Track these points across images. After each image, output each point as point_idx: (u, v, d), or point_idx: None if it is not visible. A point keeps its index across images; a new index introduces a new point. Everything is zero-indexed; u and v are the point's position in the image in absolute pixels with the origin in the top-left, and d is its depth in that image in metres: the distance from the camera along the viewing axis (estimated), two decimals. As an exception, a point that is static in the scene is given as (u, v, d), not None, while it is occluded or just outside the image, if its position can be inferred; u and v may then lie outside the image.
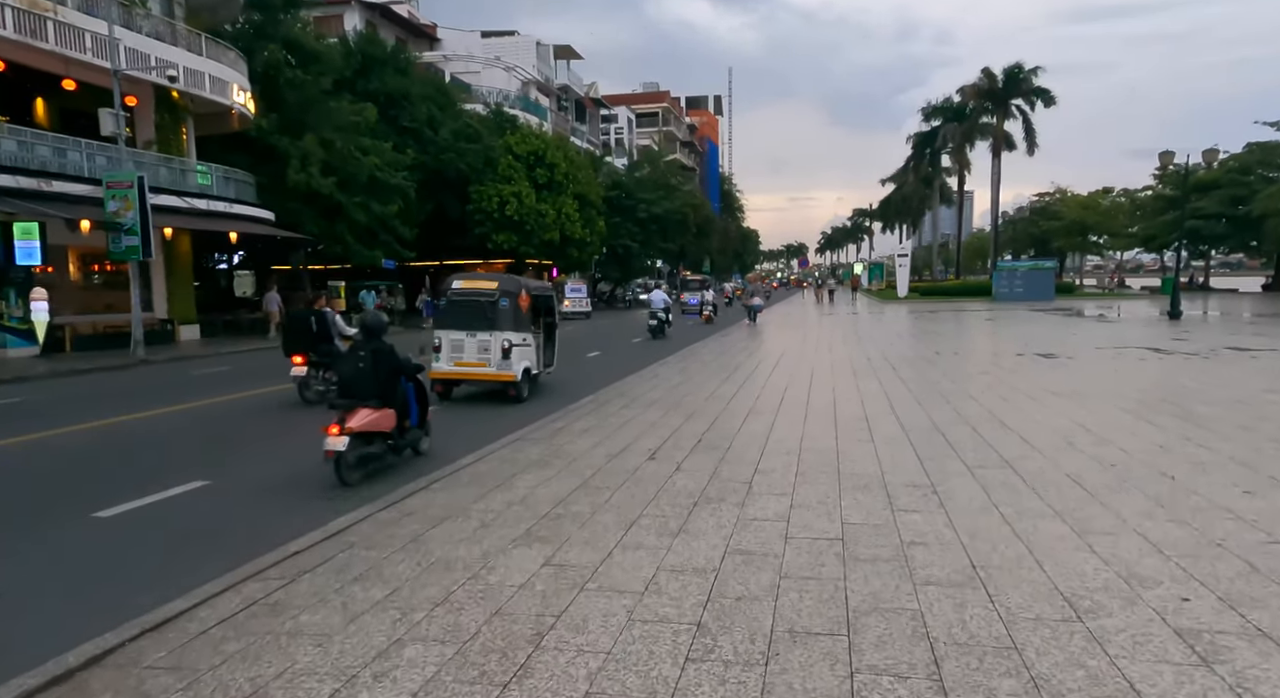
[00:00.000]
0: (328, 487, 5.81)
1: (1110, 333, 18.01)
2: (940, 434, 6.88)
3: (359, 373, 6.28)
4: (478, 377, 10.22)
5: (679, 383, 10.84)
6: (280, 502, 5.70)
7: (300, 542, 4.26)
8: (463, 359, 10.06)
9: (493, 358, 10.02)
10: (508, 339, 10.01)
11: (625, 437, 7.17)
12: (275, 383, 12.40)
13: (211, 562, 4.18)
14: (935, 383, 10.14)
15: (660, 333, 20.48)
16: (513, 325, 10.14)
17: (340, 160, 29.44)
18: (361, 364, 6.30)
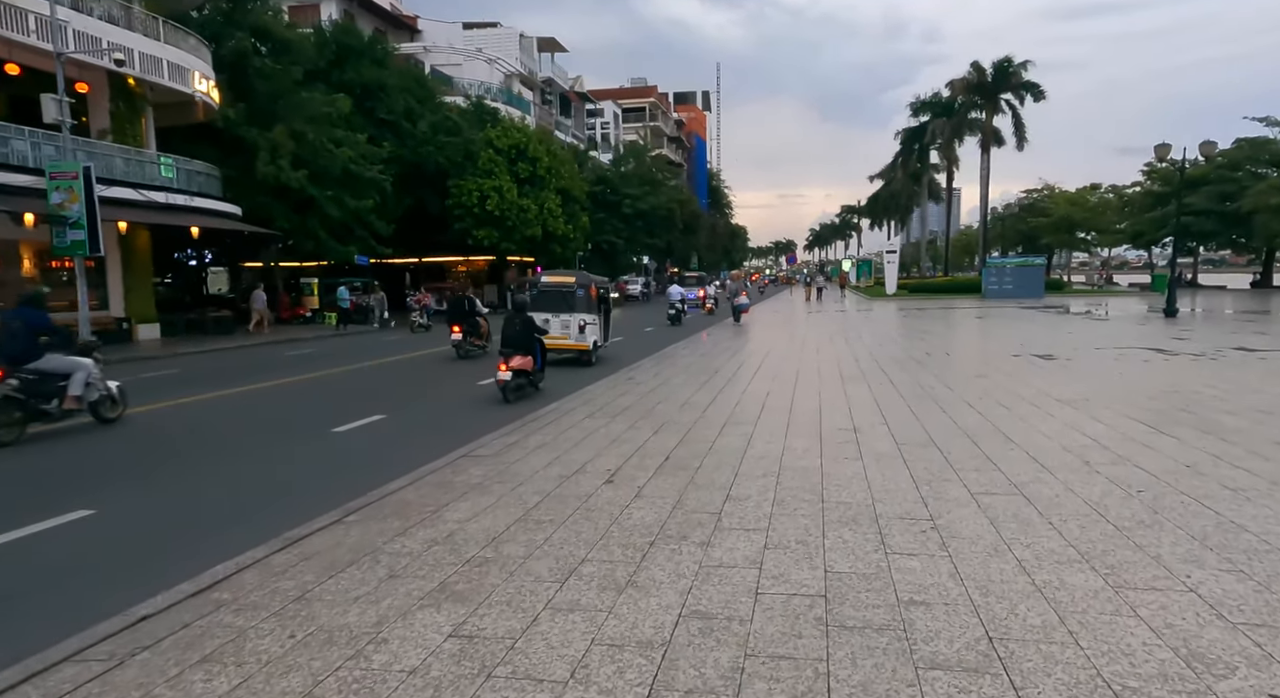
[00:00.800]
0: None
1: (1107, 332, 17.36)
2: (937, 450, 6.12)
3: (515, 333, 10.02)
4: (562, 346, 13.22)
5: (653, 388, 10.04)
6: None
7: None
8: (551, 334, 12.22)
9: (572, 333, 13.37)
10: (583, 319, 13.44)
11: (584, 452, 6.36)
12: (218, 389, 11.52)
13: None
14: (929, 388, 9.39)
15: (678, 320, 24.09)
16: (585, 309, 13.55)
17: (312, 153, 28.47)
18: (517, 328, 10.05)
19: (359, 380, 12.78)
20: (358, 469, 6.55)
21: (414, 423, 8.85)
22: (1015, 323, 20.84)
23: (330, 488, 5.74)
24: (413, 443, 7.58)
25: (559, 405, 8.85)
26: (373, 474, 6.04)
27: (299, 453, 7.39)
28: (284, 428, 8.72)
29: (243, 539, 4.43)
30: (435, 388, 11.76)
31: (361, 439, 7.94)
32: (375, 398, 10.55)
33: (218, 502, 5.72)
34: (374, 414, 9.11)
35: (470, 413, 9.37)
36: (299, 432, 8.38)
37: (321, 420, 8.74)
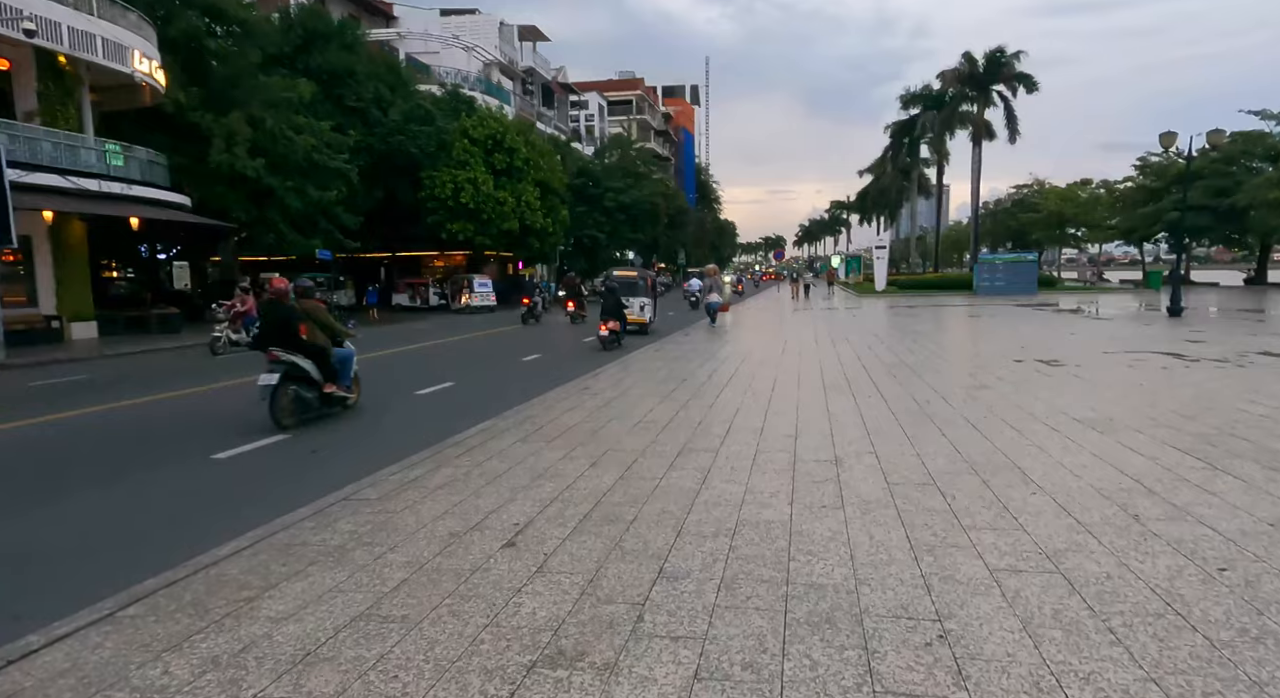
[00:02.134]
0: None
1: (1112, 333, 16.17)
2: (940, 495, 4.81)
3: (611, 307, 15.64)
4: (631, 320, 17.51)
5: (605, 403, 8.70)
6: None
7: None
8: (631, 314, 17.60)
9: (634, 310, 18.21)
10: (643, 301, 19.16)
11: (495, 496, 5.02)
12: (118, 399, 10.09)
13: None
14: (925, 404, 8.10)
15: (697, 306, 28.89)
16: (645, 295, 19.49)
17: (270, 140, 26.95)
18: (611, 304, 15.58)
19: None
20: (208, 517, 5.19)
21: (323, 444, 7.48)
22: (1012, 322, 19.63)
23: (140, 554, 4.39)
24: (305, 476, 6.23)
25: (491, 425, 7.50)
26: (223, 523, 4.68)
27: (154, 489, 6.01)
28: (154, 451, 7.32)
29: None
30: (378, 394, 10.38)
31: (247, 468, 6.58)
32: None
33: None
34: (274, 434, 7.73)
35: (396, 431, 8.01)
36: (170, 457, 6.99)
37: (207, 441, 7.36)
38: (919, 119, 52.83)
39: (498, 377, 12.55)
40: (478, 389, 11.02)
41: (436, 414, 8.97)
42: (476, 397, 10.19)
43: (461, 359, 15.35)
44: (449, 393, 10.63)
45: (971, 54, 44.98)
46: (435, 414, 8.98)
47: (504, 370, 13.35)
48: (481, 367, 13.99)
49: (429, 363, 14.66)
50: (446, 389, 10.92)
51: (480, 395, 10.33)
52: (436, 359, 15.38)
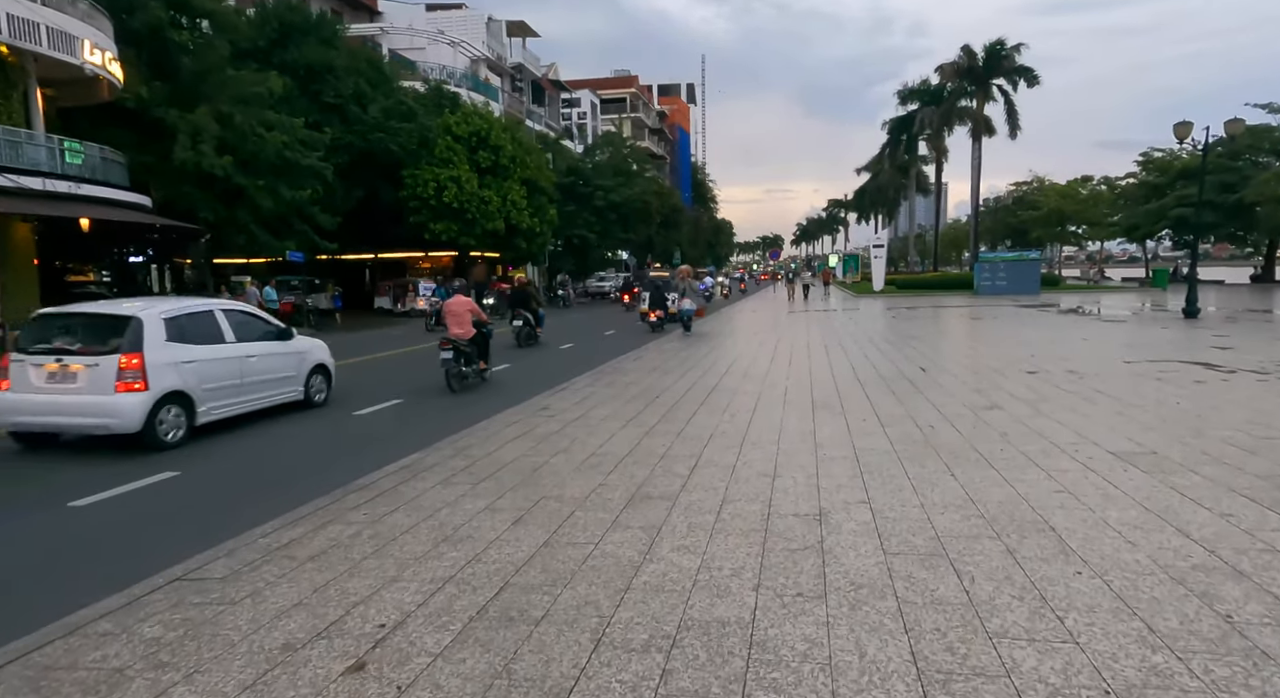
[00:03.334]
0: None
1: (1129, 337, 15.01)
2: (954, 574, 3.64)
3: (658, 299, 20.13)
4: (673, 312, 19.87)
5: (560, 429, 7.53)
6: None
7: None
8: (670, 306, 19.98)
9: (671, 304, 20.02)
10: (675, 296, 19.93)
11: (368, 578, 3.85)
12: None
13: None
14: (928, 429, 6.93)
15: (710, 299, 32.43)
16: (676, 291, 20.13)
17: (239, 137, 25.75)
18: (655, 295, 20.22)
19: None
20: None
21: (213, 482, 6.31)
22: (1017, 325, 18.48)
23: None
24: (170, 535, 5.06)
25: (416, 460, 6.33)
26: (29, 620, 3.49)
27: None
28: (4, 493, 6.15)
29: None
30: (304, 420, 9.20)
31: (114, 515, 5.41)
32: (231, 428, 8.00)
33: None
34: (163, 470, 6.56)
35: (306, 464, 6.84)
36: (22, 502, 5.81)
37: (78, 478, 6.18)
38: (917, 115, 51.73)
39: (456, 391, 11.38)
40: (425, 408, 9.85)
41: (364, 441, 7.81)
42: (420, 418, 9.02)
43: (423, 369, 14.18)
44: (392, 413, 9.46)
45: (970, 47, 43.88)
46: (363, 441, 7.82)
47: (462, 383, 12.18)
48: (440, 378, 12.81)
49: (385, 374, 13.49)
50: (391, 408, 9.74)
51: (426, 416, 9.17)
52: (395, 370, 14.21)
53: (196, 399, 7.93)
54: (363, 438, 8.08)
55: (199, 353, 8.12)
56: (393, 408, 9.79)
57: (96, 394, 7.32)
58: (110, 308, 8.69)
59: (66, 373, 7.44)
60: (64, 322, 8.01)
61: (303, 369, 9.68)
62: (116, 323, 7.74)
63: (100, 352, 7.46)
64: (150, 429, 7.39)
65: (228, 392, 8.44)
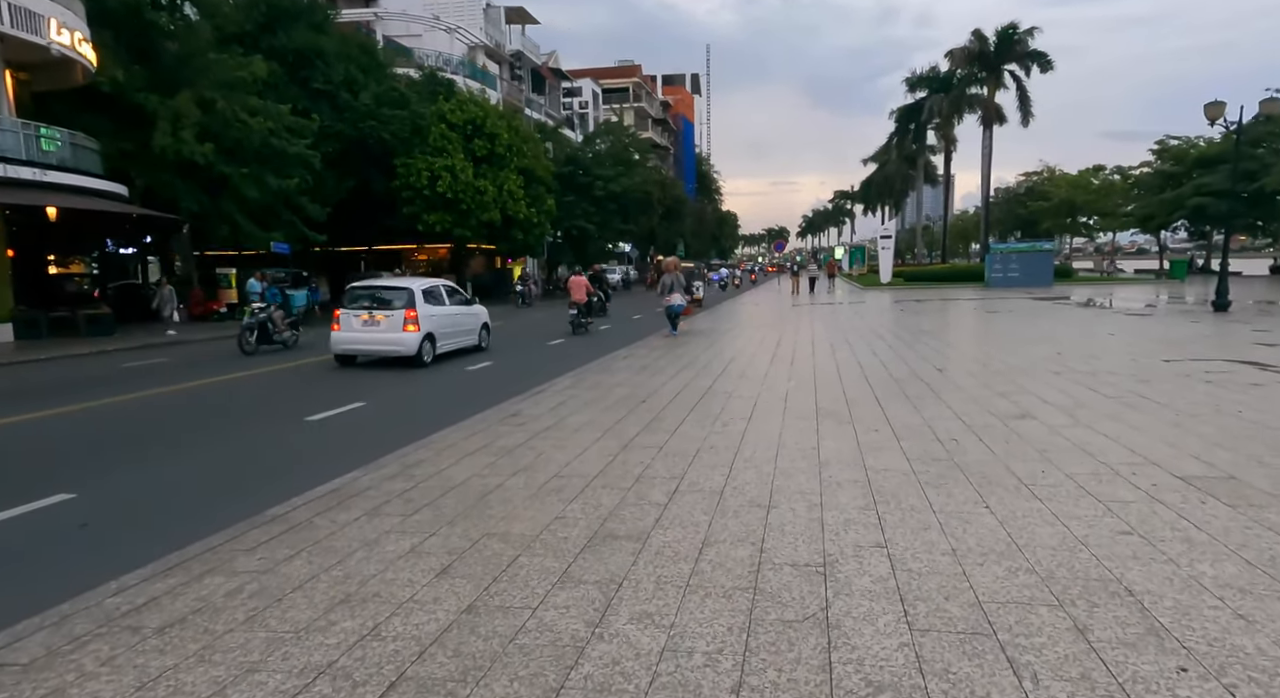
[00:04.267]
0: None
1: (1160, 332, 13.96)
2: (1009, 667, 2.67)
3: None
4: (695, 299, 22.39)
5: (525, 442, 6.57)
6: None
7: None
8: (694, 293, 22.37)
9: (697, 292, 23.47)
10: (699, 285, 25.74)
11: (217, 669, 2.88)
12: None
13: None
14: (951, 445, 5.95)
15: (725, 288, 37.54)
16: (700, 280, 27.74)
17: (222, 124, 24.80)
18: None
19: (149, 412, 9.26)
20: None
21: (126, 508, 5.37)
22: (1035, 319, 17.42)
23: None
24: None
25: (348, 482, 5.38)
26: None
27: None
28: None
29: None
30: (239, 429, 8.26)
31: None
32: (140, 445, 7.07)
33: None
34: (57, 492, 5.63)
35: (224, 484, 5.90)
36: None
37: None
38: (926, 102, 50.41)
39: (423, 391, 10.44)
40: (390, 412, 8.90)
41: (305, 454, 6.87)
42: (380, 424, 8.07)
43: (398, 369, 13.25)
44: (350, 418, 8.51)
45: (981, 32, 42.52)
46: (303, 455, 6.88)
47: (436, 382, 11.24)
48: (412, 379, 11.87)
49: (355, 374, 12.55)
50: (350, 412, 8.80)
51: (387, 421, 8.22)
52: (367, 368, 13.27)
53: (438, 338, 13.07)
54: (308, 452, 7.15)
55: (436, 311, 13.13)
56: (350, 413, 8.84)
57: (392, 332, 12.41)
58: (394, 282, 14.22)
59: (374, 320, 12.54)
60: (368, 290, 13.24)
61: (478, 325, 14.88)
62: (400, 291, 12.76)
63: (393, 307, 12.49)
64: (419, 354, 12.47)
65: (448, 335, 13.52)
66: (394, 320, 12.35)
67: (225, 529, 4.40)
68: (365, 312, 12.54)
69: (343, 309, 12.73)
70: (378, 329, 12.47)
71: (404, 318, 12.31)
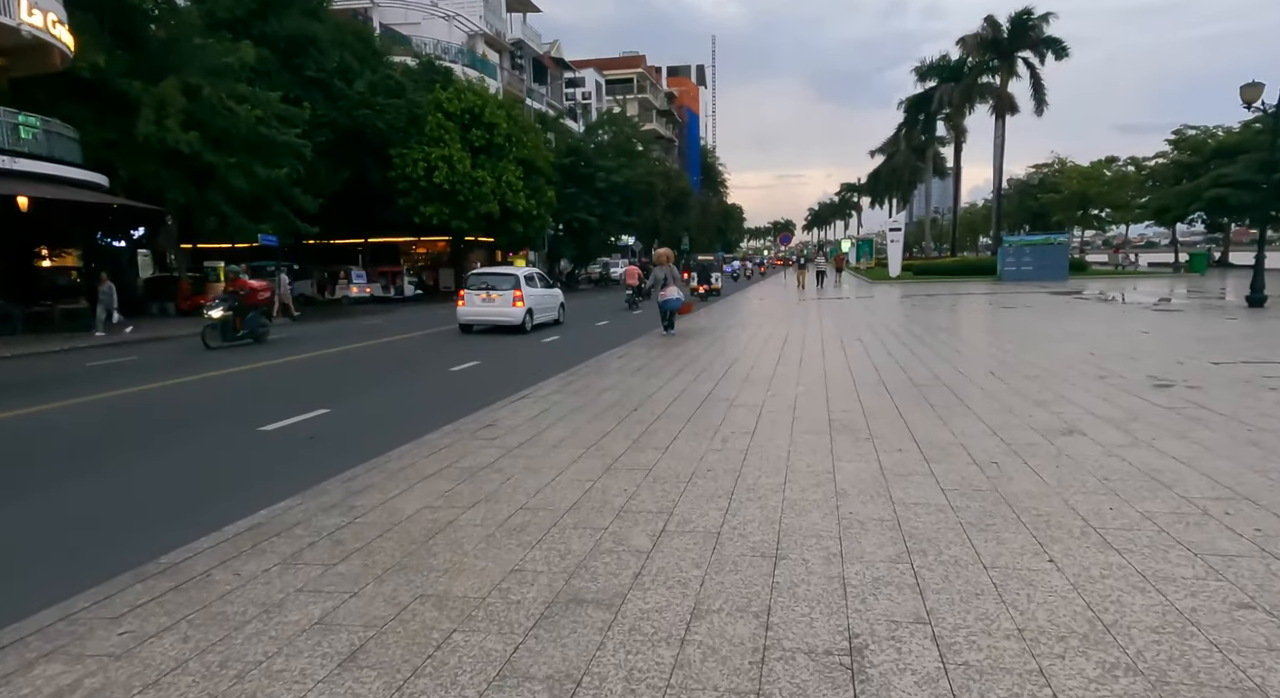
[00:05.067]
0: None
1: (1196, 330, 12.99)
2: None
3: (705, 277, 28.79)
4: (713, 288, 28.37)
5: (494, 461, 5.70)
6: None
7: None
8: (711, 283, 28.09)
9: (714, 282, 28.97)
10: (718, 275, 30.50)
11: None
12: None
13: None
14: (995, 471, 5.06)
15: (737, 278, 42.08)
16: (717, 271, 30.96)
17: (208, 111, 23.96)
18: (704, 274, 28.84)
19: (88, 418, 8.42)
20: None
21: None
22: (1057, 316, 16.46)
23: None
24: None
25: (274, 516, 4.52)
26: None
27: None
28: None
29: None
30: (177, 441, 7.42)
31: None
32: (53, 462, 6.24)
33: None
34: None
35: (114, 521, 5.04)
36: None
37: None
38: (936, 92, 49.29)
39: (400, 397, 9.59)
40: (354, 422, 8.04)
41: (240, 476, 6.02)
42: (340, 437, 7.21)
43: (377, 368, 12.41)
44: (309, 428, 7.65)
45: (994, 18, 41.33)
46: (238, 477, 6.03)
47: (413, 387, 10.39)
48: (392, 381, 11.02)
49: (331, 374, 11.72)
50: (311, 421, 7.94)
51: (350, 432, 7.37)
52: (347, 368, 12.43)
53: (535, 312, 17.31)
54: (247, 473, 6.30)
55: (533, 292, 17.38)
56: (311, 422, 7.99)
57: (504, 306, 16.69)
58: (505, 270, 18.36)
59: (490, 298, 16.79)
60: (485, 276, 17.59)
61: (557, 304, 19.19)
62: (509, 277, 17.24)
63: (504, 288, 16.76)
64: (523, 324, 16.75)
65: (540, 311, 17.79)
66: (505, 298, 16.80)
67: (98, 586, 3.54)
68: (484, 292, 16.93)
69: (466, 290, 17.19)
70: (493, 305, 16.89)
71: (513, 296, 16.76)
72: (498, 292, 16.81)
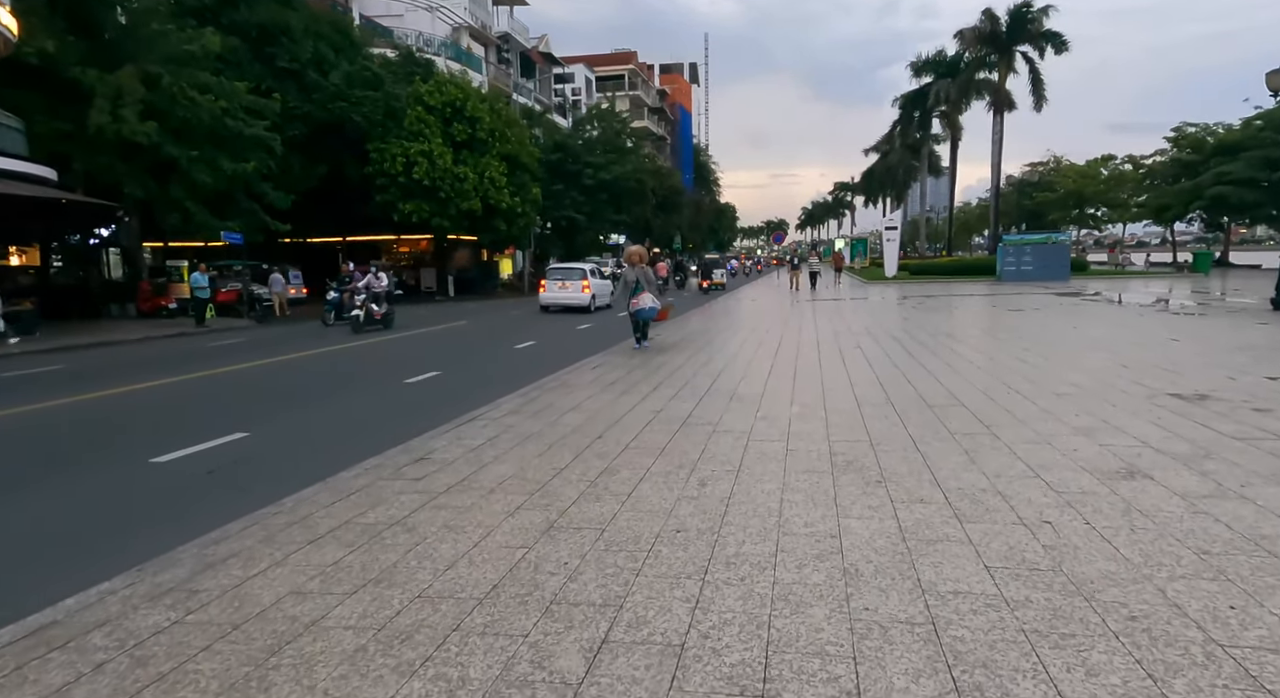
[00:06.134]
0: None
1: (1230, 338, 11.89)
2: None
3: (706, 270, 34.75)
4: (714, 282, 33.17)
5: (396, 521, 4.49)
6: None
7: None
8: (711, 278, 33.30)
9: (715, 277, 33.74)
10: (723, 271, 36.37)
11: None
12: None
13: None
14: (1050, 536, 3.91)
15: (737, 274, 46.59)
16: (722, 267, 37.69)
17: (169, 102, 22.68)
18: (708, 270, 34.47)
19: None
20: None
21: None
22: (1070, 319, 15.36)
23: None
24: None
25: (74, 617, 3.30)
26: None
27: None
28: None
29: None
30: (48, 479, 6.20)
31: None
32: None
33: None
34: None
35: None
36: None
37: None
38: (932, 88, 48.27)
39: (338, 415, 8.38)
40: (272, 449, 6.84)
41: (88, 534, 4.80)
42: (246, 471, 6.00)
43: (321, 380, 11.21)
44: (217, 457, 6.44)
45: (993, 11, 40.27)
46: (85, 534, 4.81)
47: (357, 403, 9.18)
48: (336, 395, 9.81)
49: (267, 386, 10.51)
50: (222, 448, 6.72)
51: (261, 465, 6.16)
52: (286, 379, 11.22)
53: (597, 297, 22.89)
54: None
55: (595, 282, 23.25)
56: (209, 454, 6.77)
57: (575, 293, 22.67)
58: (575, 266, 24.89)
59: (564, 286, 22.89)
60: (561, 270, 24.20)
61: (608, 290, 22.17)
62: (578, 270, 23.68)
63: (575, 278, 22.93)
64: (589, 305, 22.52)
65: (600, 296, 22.99)
66: (575, 286, 22.73)
67: None
68: (560, 282, 23.05)
69: (547, 280, 23.50)
70: (566, 292, 22.71)
71: (581, 285, 22.77)
72: (570, 281, 22.80)
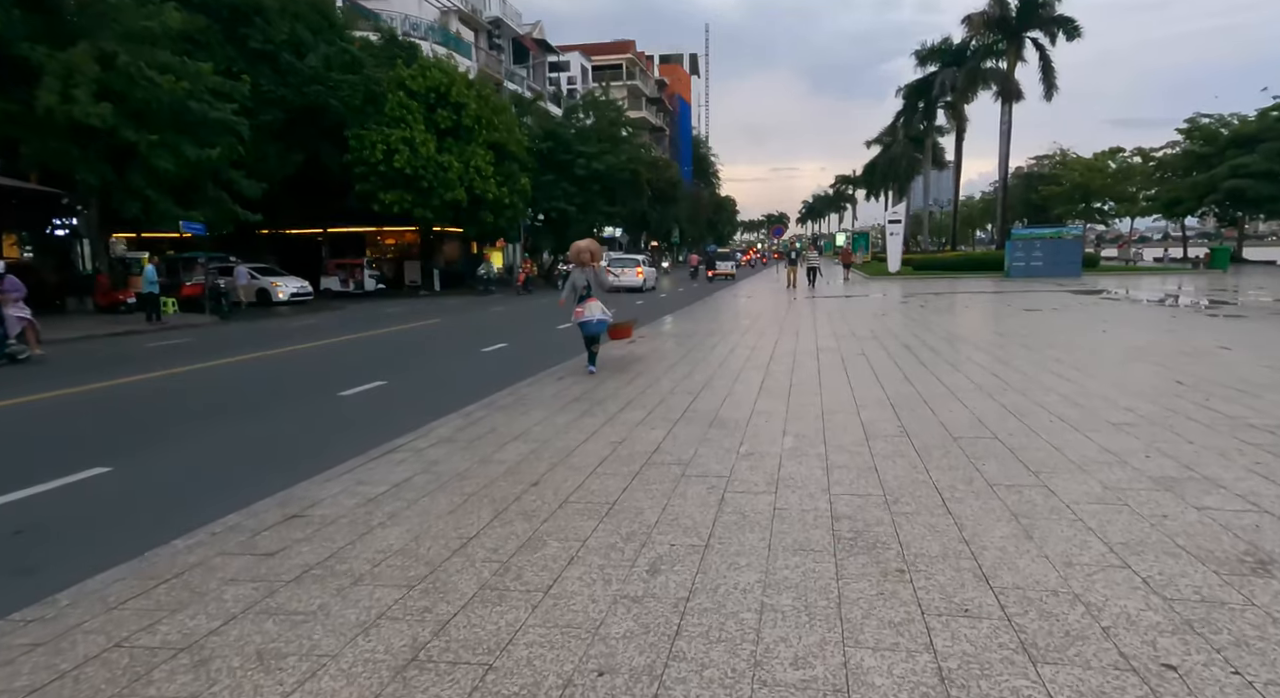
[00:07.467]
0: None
1: (1268, 336, 10.52)
2: None
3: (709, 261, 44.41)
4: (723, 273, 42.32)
5: (312, 567, 3.08)
6: None
7: None
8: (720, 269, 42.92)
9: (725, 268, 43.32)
10: (732, 263, 45.99)
11: None
12: None
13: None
14: (1164, 685, 2.49)
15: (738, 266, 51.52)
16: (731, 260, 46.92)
17: (126, 82, 21.20)
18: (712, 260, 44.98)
19: None
20: None
21: None
22: (1096, 321, 13.97)
23: None
24: None
25: None
26: None
27: None
28: None
29: None
30: None
31: None
32: None
33: None
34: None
35: None
36: None
37: None
38: (937, 77, 46.74)
39: (236, 442, 6.99)
40: (121, 494, 5.46)
41: None
42: (64, 531, 4.63)
43: (243, 393, 9.83)
44: (53, 502, 5.06)
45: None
46: None
47: (269, 424, 7.79)
48: (250, 413, 8.42)
49: (172, 402, 9.12)
50: (67, 489, 5.34)
51: (90, 522, 4.78)
52: (203, 392, 9.84)
53: (648, 280, 32.61)
54: None
55: (647, 269, 32.89)
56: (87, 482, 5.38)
57: (631, 277, 30.97)
58: (630, 256, 34.64)
59: (623, 272, 30.49)
60: (619, 259, 32.53)
61: (654, 275, 35.57)
62: (634, 259, 32.88)
63: (631, 266, 31.50)
64: (643, 286, 31.31)
65: (649, 279, 32.71)
66: (632, 271, 30.55)
67: None
68: (620, 268, 29.54)
69: (610, 266, 25.15)
70: (623, 278, 29.19)
71: (636, 271, 30.67)
72: (627, 268, 30.37)
